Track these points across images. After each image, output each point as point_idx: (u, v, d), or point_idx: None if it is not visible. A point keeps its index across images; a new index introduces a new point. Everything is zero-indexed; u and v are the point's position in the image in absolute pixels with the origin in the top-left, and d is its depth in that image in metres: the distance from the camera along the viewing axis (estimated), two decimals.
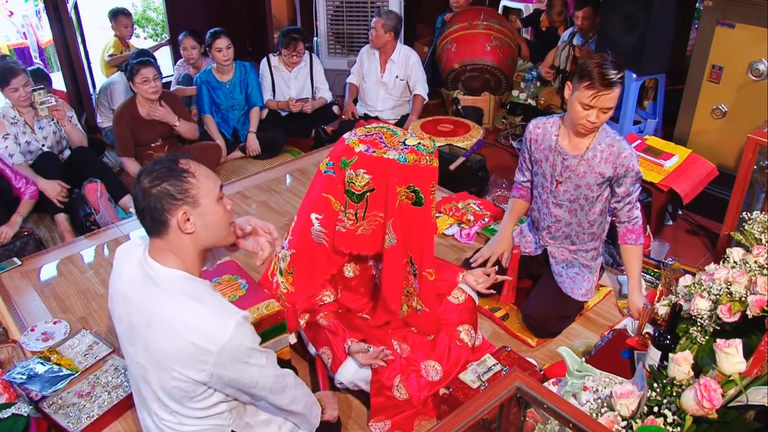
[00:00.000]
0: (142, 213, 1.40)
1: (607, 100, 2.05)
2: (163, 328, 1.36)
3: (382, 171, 1.86)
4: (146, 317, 1.39)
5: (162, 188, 1.37)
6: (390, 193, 1.87)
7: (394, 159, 1.85)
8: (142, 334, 1.41)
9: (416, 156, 1.87)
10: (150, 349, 1.39)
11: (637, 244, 2.32)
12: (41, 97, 3.33)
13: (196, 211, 1.40)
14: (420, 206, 1.91)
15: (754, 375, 1.46)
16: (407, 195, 1.90)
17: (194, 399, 1.43)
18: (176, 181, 1.38)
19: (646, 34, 3.57)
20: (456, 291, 2.21)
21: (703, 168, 3.18)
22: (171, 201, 1.37)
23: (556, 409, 1.15)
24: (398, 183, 1.86)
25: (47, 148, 3.43)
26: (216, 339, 1.33)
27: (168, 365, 1.37)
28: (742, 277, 1.72)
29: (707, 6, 3.24)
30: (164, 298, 1.38)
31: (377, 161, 1.86)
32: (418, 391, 1.99)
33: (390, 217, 1.90)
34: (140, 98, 3.59)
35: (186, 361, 1.35)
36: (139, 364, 1.45)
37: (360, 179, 1.87)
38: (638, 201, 2.31)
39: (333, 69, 4.92)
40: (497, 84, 4.52)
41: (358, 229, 1.94)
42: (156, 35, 6.61)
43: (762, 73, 3.08)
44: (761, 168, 2.71)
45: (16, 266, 2.83)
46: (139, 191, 1.38)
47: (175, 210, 1.38)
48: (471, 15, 4.58)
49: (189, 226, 1.39)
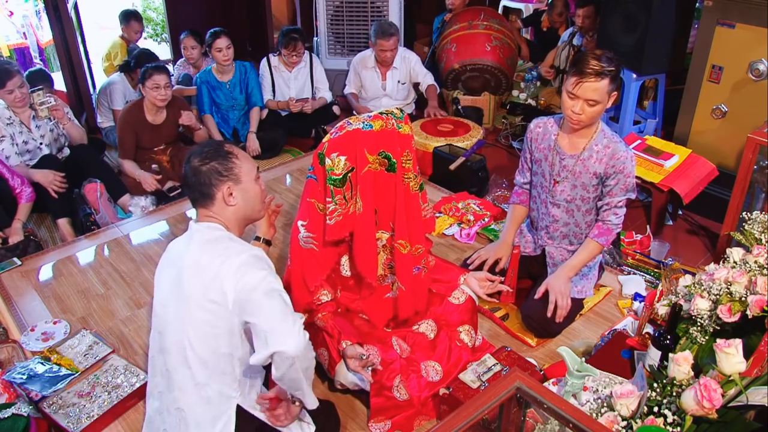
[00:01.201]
0: (192, 187, 1.65)
1: (590, 91, 2.05)
2: (202, 267, 1.56)
3: (351, 145, 1.86)
4: (190, 262, 1.59)
5: (211, 166, 1.63)
6: (360, 162, 1.87)
7: (358, 128, 1.86)
8: (184, 281, 1.58)
9: (382, 121, 1.88)
10: (186, 288, 1.57)
11: (600, 244, 2.28)
12: (40, 98, 3.33)
13: (238, 187, 1.65)
14: (393, 172, 1.91)
15: (754, 375, 1.46)
16: (380, 162, 1.89)
17: (217, 349, 1.57)
18: (223, 161, 1.64)
19: (646, 34, 3.57)
20: (456, 292, 2.20)
21: (703, 168, 3.18)
22: (218, 177, 1.63)
23: (556, 409, 1.15)
24: (368, 151, 1.86)
25: (45, 147, 3.43)
26: (244, 278, 1.53)
27: (201, 296, 1.54)
28: (742, 277, 1.72)
29: (707, 6, 3.24)
30: (206, 245, 1.60)
31: (344, 138, 1.87)
32: (418, 392, 1.99)
33: (357, 184, 1.90)
34: (147, 103, 3.58)
35: (216, 289, 1.53)
36: (172, 320, 1.60)
37: (337, 163, 1.87)
38: (623, 208, 2.27)
39: (333, 69, 4.92)
40: (497, 84, 4.52)
41: (350, 209, 1.93)
42: (156, 35, 6.60)
43: (762, 73, 3.08)
44: (761, 168, 2.71)
45: (16, 266, 2.83)
46: (190, 169, 1.64)
47: (221, 185, 1.63)
48: (471, 15, 4.58)
49: (231, 199, 1.64)
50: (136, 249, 3.00)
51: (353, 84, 4.44)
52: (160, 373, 1.68)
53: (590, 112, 2.10)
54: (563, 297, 2.24)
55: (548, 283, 2.28)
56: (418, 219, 2.02)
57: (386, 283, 2.11)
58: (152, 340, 1.71)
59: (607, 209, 2.26)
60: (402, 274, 2.04)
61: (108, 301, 2.62)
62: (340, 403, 2.07)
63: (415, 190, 1.99)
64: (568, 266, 2.30)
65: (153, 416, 1.75)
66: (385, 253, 2.06)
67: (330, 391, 2.11)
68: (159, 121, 3.64)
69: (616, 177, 2.20)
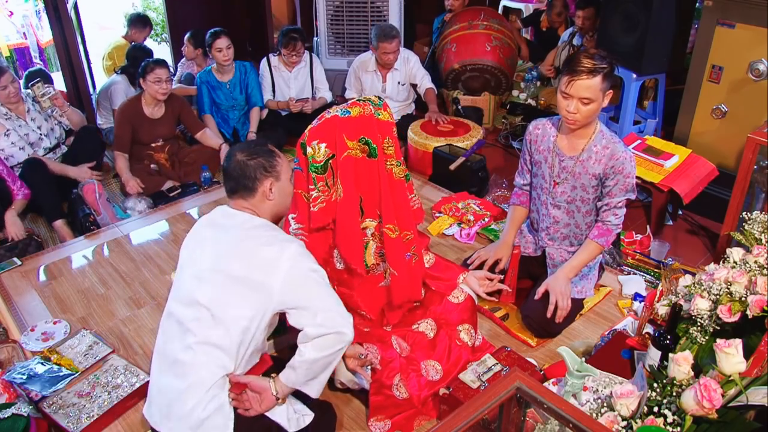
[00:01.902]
0: (236, 180, 1.75)
1: (582, 89, 2.05)
2: (248, 250, 1.68)
3: (331, 131, 1.88)
4: (234, 244, 1.69)
5: (258, 161, 1.75)
6: (339, 148, 1.88)
7: (336, 115, 1.88)
8: (227, 259, 1.68)
9: (360, 107, 1.90)
10: (229, 267, 1.67)
11: (600, 244, 2.28)
12: (41, 90, 3.42)
13: (278, 184, 1.78)
14: (375, 158, 1.92)
15: (754, 375, 1.46)
16: (361, 148, 1.91)
17: (244, 328, 1.64)
18: (269, 158, 1.77)
19: (646, 34, 3.57)
20: (456, 291, 2.20)
21: (703, 168, 3.18)
22: (263, 172, 1.75)
23: (556, 409, 1.15)
24: (348, 136, 1.88)
25: (44, 137, 3.47)
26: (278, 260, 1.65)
27: (245, 275, 1.64)
28: (742, 277, 1.72)
29: (707, 6, 3.24)
30: (251, 230, 1.71)
31: (323, 125, 1.90)
32: (418, 391, 1.99)
33: (337, 170, 1.91)
34: (147, 97, 3.58)
35: (262, 271, 1.64)
36: (205, 293, 1.67)
37: (317, 150, 1.89)
38: (623, 209, 2.26)
39: (333, 69, 4.92)
40: (497, 84, 4.52)
41: (332, 196, 1.94)
42: (156, 35, 6.60)
43: (762, 73, 3.08)
44: (761, 168, 2.71)
45: (16, 266, 2.83)
46: (235, 163, 1.76)
47: (265, 180, 1.75)
48: (471, 15, 4.58)
49: (271, 194, 1.77)
50: (136, 249, 3.00)
51: (354, 88, 4.42)
52: (177, 338, 1.71)
53: (585, 111, 2.10)
54: (563, 298, 2.24)
55: (548, 283, 2.28)
56: (406, 205, 2.03)
57: (378, 271, 2.11)
58: (172, 312, 1.75)
59: (606, 210, 2.26)
60: (393, 258, 2.04)
61: (108, 301, 2.62)
62: (339, 402, 2.07)
63: (400, 176, 2.01)
64: (568, 267, 2.30)
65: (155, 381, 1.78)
66: (374, 242, 2.06)
67: (330, 390, 2.11)
68: (157, 115, 3.65)
69: (615, 177, 2.20)
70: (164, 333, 1.77)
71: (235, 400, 1.69)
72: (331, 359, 1.67)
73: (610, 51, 3.57)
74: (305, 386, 1.70)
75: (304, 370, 1.66)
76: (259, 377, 1.73)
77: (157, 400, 1.74)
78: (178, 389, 1.66)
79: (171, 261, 2.88)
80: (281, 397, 1.71)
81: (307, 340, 1.65)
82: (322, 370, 1.68)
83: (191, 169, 3.74)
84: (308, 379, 1.69)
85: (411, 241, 2.06)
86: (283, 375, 1.70)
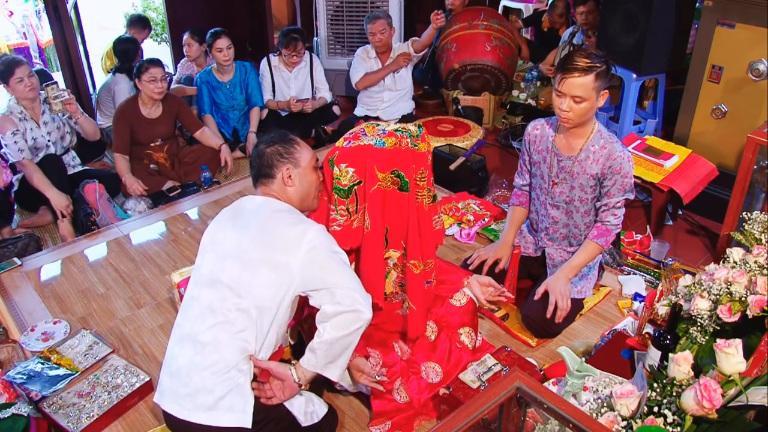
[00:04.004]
0: (256, 168, 1.82)
1: (575, 87, 2.04)
2: (270, 231, 1.71)
3: (362, 159, 1.84)
4: (258, 226, 1.72)
5: (274, 148, 1.81)
6: (369, 179, 1.84)
7: (370, 144, 1.84)
8: (251, 241, 1.70)
9: (395, 139, 1.85)
10: (252, 248, 1.69)
11: (599, 245, 2.28)
12: (54, 92, 3.35)
13: (297, 170, 1.81)
14: (406, 192, 1.87)
15: (754, 375, 1.46)
16: (392, 180, 1.86)
17: (266, 308, 1.67)
18: (286, 145, 1.82)
19: (646, 34, 3.57)
20: (458, 294, 2.19)
21: (703, 168, 3.18)
22: (279, 158, 1.80)
23: (556, 409, 1.15)
24: (379, 168, 1.83)
25: (52, 145, 3.43)
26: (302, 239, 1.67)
27: (270, 257, 1.67)
28: (742, 277, 1.72)
29: (707, 6, 3.24)
30: (274, 213, 1.75)
31: (356, 151, 1.85)
32: (418, 394, 1.99)
33: (364, 202, 1.87)
34: (144, 97, 3.58)
35: (284, 251, 1.67)
36: (229, 275, 1.69)
37: (344, 174, 1.86)
38: (622, 209, 2.26)
39: (333, 69, 4.93)
40: (497, 84, 4.52)
41: (353, 223, 1.91)
42: (156, 35, 6.60)
43: (762, 73, 3.08)
44: (761, 168, 2.71)
45: (16, 266, 2.83)
46: (256, 152, 1.84)
47: (282, 165, 1.79)
48: (471, 15, 4.58)
49: (290, 181, 1.80)
50: (136, 249, 3.00)
51: (361, 68, 4.37)
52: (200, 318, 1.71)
53: (577, 110, 2.09)
54: (563, 298, 2.24)
55: (548, 284, 2.28)
56: (430, 234, 1.98)
57: (397, 300, 2.08)
58: (194, 296, 1.76)
59: (605, 210, 2.26)
60: (413, 293, 2.00)
61: (108, 301, 2.62)
62: (340, 403, 2.07)
63: (429, 204, 1.96)
64: (567, 267, 2.30)
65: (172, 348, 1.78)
66: (396, 272, 2.03)
67: (329, 391, 2.11)
68: (154, 115, 3.65)
69: (613, 178, 2.19)
70: (185, 315, 1.76)
71: (258, 389, 1.69)
72: (351, 339, 1.67)
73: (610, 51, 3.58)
74: (326, 369, 1.70)
75: (323, 352, 1.66)
76: (280, 363, 1.74)
77: (174, 383, 1.71)
78: (198, 365, 1.66)
79: (171, 261, 2.88)
80: (303, 383, 1.72)
81: (326, 320, 1.65)
82: (341, 352, 1.68)
83: (191, 169, 3.75)
84: (328, 361, 1.68)
85: (432, 269, 2.03)
86: (304, 359, 1.70)
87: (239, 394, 1.66)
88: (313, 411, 1.80)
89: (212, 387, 1.65)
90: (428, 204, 1.95)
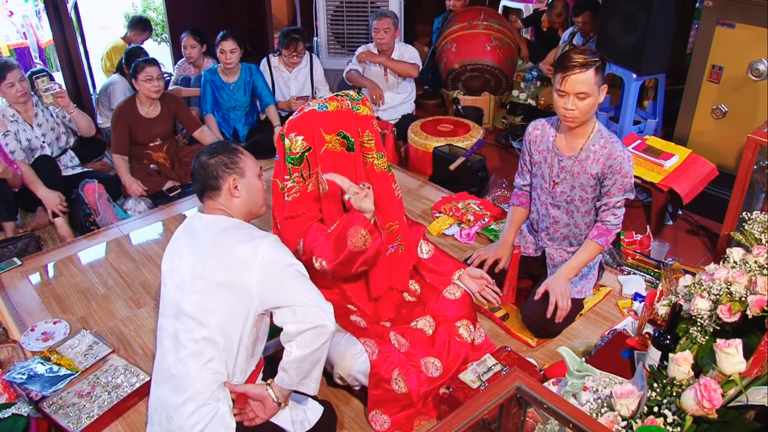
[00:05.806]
0: (200, 181, 1.77)
1: (576, 84, 2.05)
2: (222, 252, 1.67)
3: (308, 125, 1.91)
4: (209, 248, 1.69)
5: (218, 159, 1.76)
6: (317, 142, 1.92)
7: (313, 109, 1.92)
8: (203, 265, 1.67)
9: (337, 102, 1.94)
10: (207, 272, 1.65)
11: (599, 245, 2.28)
12: (45, 84, 3.35)
13: (243, 180, 1.78)
14: (352, 152, 1.96)
15: (754, 375, 1.46)
16: (340, 142, 1.95)
17: (230, 331, 1.64)
18: (230, 155, 1.78)
19: (646, 34, 3.57)
20: (452, 287, 2.21)
21: (703, 168, 3.18)
22: (224, 169, 1.76)
23: (556, 409, 1.15)
24: (325, 131, 1.91)
25: (47, 146, 3.43)
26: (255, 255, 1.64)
27: (224, 278, 1.64)
28: (742, 277, 1.72)
29: (707, 6, 3.24)
30: (223, 232, 1.71)
31: (301, 119, 1.93)
32: (417, 386, 1.99)
33: (316, 166, 1.94)
34: (141, 97, 3.58)
35: (239, 271, 1.63)
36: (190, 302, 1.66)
37: (294, 142, 1.92)
38: (622, 209, 2.26)
39: (333, 69, 4.92)
40: (497, 84, 4.52)
41: (308, 187, 1.98)
42: (156, 35, 6.60)
43: (762, 73, 3.08)
44: (761, 168, 2.71)
45: (16, 266, 2.83)
46: (198, 164, 1.78)
47: (227, 176, 1.76)
48: (471, 15, 4.58)
49: (237, 191, 1.76)
50: (136, 249, 3.00)
51: (356, 65, 4.35)
52: (171, 349, 1.71)
53: (582, 107, 2.10)
54: (563, 298, 2.24)
55: (548, 284, 2.28)
56: (390, 196, 2.05)
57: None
58: (162, 326, 1.75)
59: (605, 210, 2.26)
60: (404, 236, 2.08)
61: (108, 301, 2.62)
62: (339, 401, 2.08)
63: (382, 168, 2.03)
64: (567, 267, 2.30)
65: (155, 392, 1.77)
66: None
67: (328, 386, 2.11)
68: (153, 115, 3.64)
69: (613, 177, 2.20)
70: (160, 348, 1.76)
71: (239, 414, 1.69)
72: (319, 355, 1.64)
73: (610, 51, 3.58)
74: (301, 386, 1.68)
75: (294, 371, 1.64)
76: (256, 385, 1.73)
77: (158, 416, 1.73)
78: (176, 404, 1.66)
79: None
80: (281, 401, 1.71)
81: (291, 339, 1.62)
82: (312, 367, 1.65)
83: (191, 169, 3.74)
84: (301, 378, 1.66)
85: (396, 232, 2.08)
86: (277, 378, 1.69)
87: (220, 423, 1.65)
88: (303, 419, 1.78)
89: (194, 422, 1.64)
90: (381, 167, 2.02)
